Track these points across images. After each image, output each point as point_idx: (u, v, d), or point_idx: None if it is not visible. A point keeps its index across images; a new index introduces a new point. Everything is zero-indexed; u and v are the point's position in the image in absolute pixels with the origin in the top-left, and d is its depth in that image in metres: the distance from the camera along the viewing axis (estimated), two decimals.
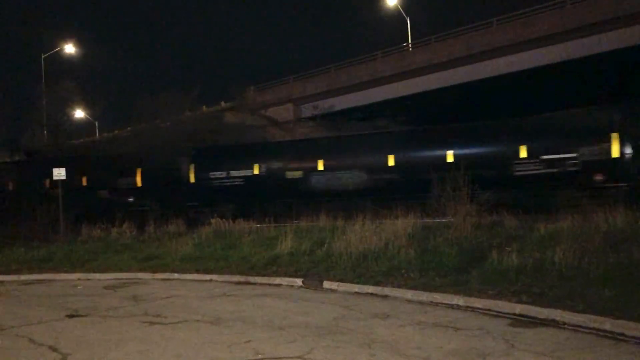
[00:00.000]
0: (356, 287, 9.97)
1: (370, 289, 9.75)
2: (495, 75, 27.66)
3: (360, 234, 12.42)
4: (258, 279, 11.48)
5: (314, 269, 11.45)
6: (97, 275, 13.36)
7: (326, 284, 10.47)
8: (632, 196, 15.28)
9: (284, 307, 8.96)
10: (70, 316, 9.08)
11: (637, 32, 23.55)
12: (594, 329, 6.83)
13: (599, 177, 16.50)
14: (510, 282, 8.85)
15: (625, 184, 16.35)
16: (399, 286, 9.62)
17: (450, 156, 18.21)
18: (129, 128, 34.10)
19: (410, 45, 33.24)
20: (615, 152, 16.38)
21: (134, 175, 22.82)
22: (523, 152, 17.47)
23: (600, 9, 24.02)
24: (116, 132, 36.37)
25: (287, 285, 10.93)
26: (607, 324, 6.80)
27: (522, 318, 7.52)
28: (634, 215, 11.94)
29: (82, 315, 9.10)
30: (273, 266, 12.16)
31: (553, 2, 25.67)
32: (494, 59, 27.41)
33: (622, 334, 6.55)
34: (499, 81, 27.71)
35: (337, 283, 10.38)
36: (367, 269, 10.73)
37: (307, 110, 34.19)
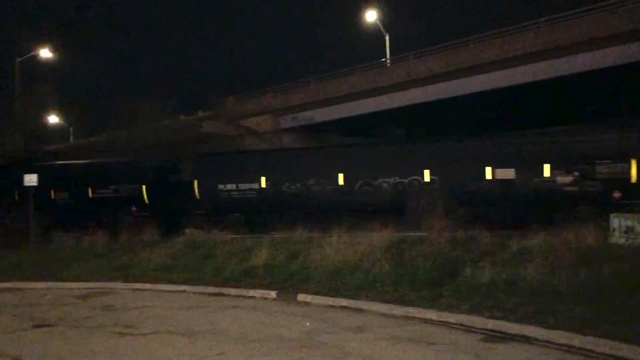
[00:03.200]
0: (330, 300, 9.95)
1: (345, 302, 9.74)
2: (474, 92, 28.02)
3: (336, 246, 12.43)
4: (232, 291, 11.39)
5: (289, 282, 11.40)
6: (68, 285, 13.11)
7: (300, 297, 10.43)
8: None
9: (258, 320, 8.89)
10: (38, 326, 8.88)
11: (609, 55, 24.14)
12: (563, 345, 6.91)
13: None
14: (483, 297, 8.92)
15: None
16: (374, 300, 9.63)
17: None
18: (104, 135, 33.67)
19: (388, 61, 33.55)
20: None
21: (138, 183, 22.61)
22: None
23: (573, 32, 24.64)
24: (91, 138, 35.86)
25: (261, 297, 10.86)
26: (577, 340, 6.89)
27: (494, 333, 7.58)
28: (603, 234, 12.17)
29: (49, 325, 8.91)
30: (248, 278, 12.08)
31: (532, 21, 26.19)
32: (471, 76, 27.80)
33: (591, 351, 6.64)
34: (478, 98, 28.08)
35: (311, 296, 10.34)
36: (342, 282, 10.72)
37: (287, 121, 34.21)
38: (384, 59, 33.80)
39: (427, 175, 18.65)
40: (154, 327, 8.53)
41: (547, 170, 17.47)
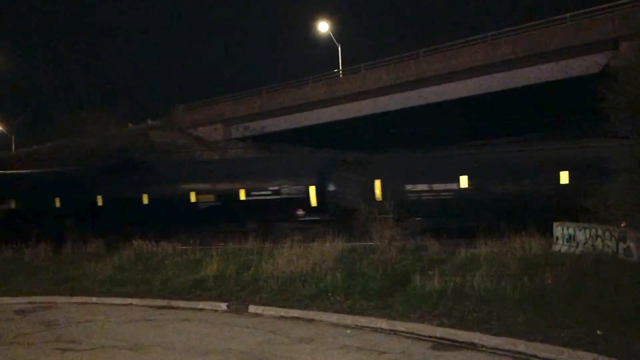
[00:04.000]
0: (282, 311, 9.89)
1: (296, 312, 9.70)
2: (422, 104, 28.62)
3: (288, 257, 12.37)
4: (181, 303, 11.16)
5: (240, 293, 11.27)
6: (7, 300, 12.54)
7: (252, 308, 10.32)
8: None
9: (207, 332, 8.74)
10: None
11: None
12: (509, 351, 7.10)
13: None
14: (432, 305, 9.06)
15: None
16: (325, 310, 9.64)
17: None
18: (49, 144, 32.54)
19: (340, 72, 33.88)
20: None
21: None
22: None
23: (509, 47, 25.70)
24: (35, 147, 34.57)
25: (211, 309, 10.69)
26: (521, 346, 7.09)
27: (443, 341, 7.71)
28: (547, 242, 12.57)
29: None
30: (197, 290, 11.86)
31: (477, 36, 27.02)
32: (420, 88, 28.41)
33: (535, 356, 6.85)
34: (427, 109, 28.70)
35: (262, 307, 10.26)
36: (293, 293, 10.68)
37: (238, 131, 33.98)
38: (336, 70, 34.11)
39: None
40: (99, 341, 8.26)
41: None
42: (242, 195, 19.48)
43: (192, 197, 20.10)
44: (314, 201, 18.71)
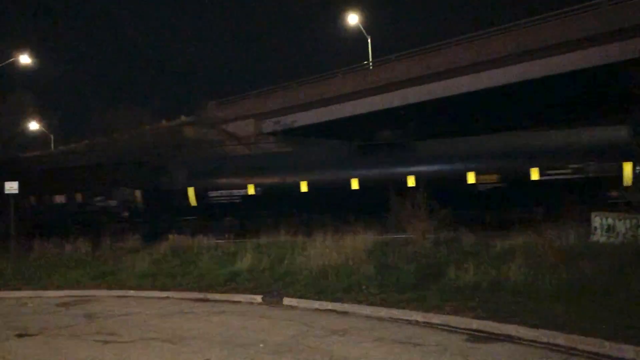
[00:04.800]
0: (316, 304, 9.95)
1: (330, 305, 9.74)
2: (454, 94, 28.26)
3: (321, 250, 12.43)
4: (217, 296, 11.32)
5: (274, 286, 11.38)
6: (49, 293, 12.93)
7: (286, 301, 10.41)
8: None
9: (243, 325, 8.85)
10: (20, 335, 8.74)
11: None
12: (547, 343, 6.99)
13: None
14: (467, 297, 8.99)
15: None
16: (359, 302, 9.64)
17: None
18: (85, 141, 33.31)
19: (370, 64, 33.69)
20: None
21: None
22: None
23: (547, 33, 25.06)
24: (72, 145, 35.43)
25: (246, 302, 10.82)
26: (560, 338, 6.98)
27: (479, 333, 7.64)
28: (585, 233, 12.33)
29: (32, 335, 8.78)
30: (232, 283, 12.02)
31: (509, 24, 26.52)
32: (452, 78, 28.03)
33: (574, 348, 6.73)
34: (459, 99, 28.34)
35: (297, 300, 10.33)
36: (327, 285, 10.72)
37: (269, 125, 34.16)
38: (366, 62, 33.92)
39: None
40: (138, 334, 8.45)
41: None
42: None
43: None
44: None
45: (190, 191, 21.20)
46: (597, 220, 12.63)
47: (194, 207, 21.25)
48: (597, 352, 6.56)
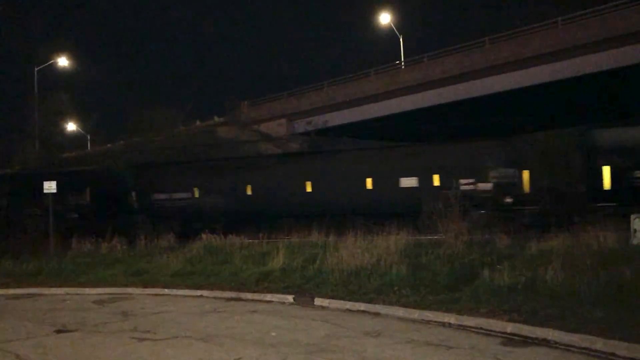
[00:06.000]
0: (348, 304, 9.92)
1: (362, 306, 9.70)
2: (488, 94, 27.87)
3: (352, 250, 12.39)
4: (249, 295, 11.40)
5: (306, 286, 11.39)
6: (86, 290, 13.23)
7: (317, 301, 10.41)
8: None
9: (275, 324, 8.89)
10: (59, 332, 8.97)
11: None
12: (585, 348, 6.82)
13: None
14: (502, 300, 8.83)
15: None
16: (391, 304, 9.58)
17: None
18: (121, 142, 34.02)
19: (402, 63, 33.51)
20: None
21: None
22: None
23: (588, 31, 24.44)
24: (109, 145, 36.24)
25: (278, 301, 10.86)
26: (599, 343, 6.79)
27: (514, 337, 7.50)
28: (624, 235, 11.98)
29: (70, 331, 8.99)
30: (264, 282, 12.08)
31: (547, 22, 26.04)
32: (487, 77, 27.64)
33: (613, 354, 6.54)
34: (492, 99, 27.94)
35: (328, 300, 10.32)
36: (358, 286, 10.69)
37: (300, 126, 34.29)
38: (397, 61, 33.75)
39: None
40: (173, 332, 8.57)
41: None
42: None
43: None
44: None
45: None
46: (637, 222, 12.26)
47: None
48: (636, 358, 6.37)
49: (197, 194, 23.58)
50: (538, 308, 8.28)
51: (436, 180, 18.84)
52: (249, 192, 22.48)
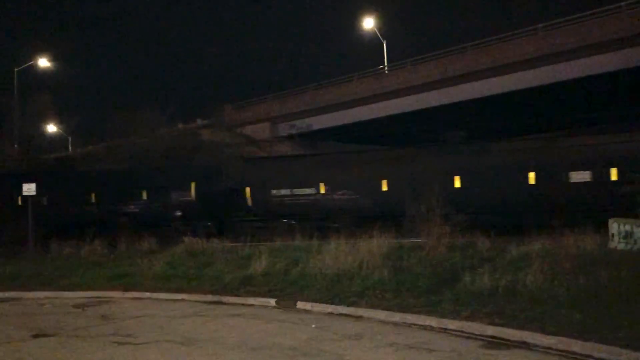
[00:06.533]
0: (330, 308, 9.93)
1: (344, 309, 9.72)
2: (470, 99, 28.14)
3: (335, 253, 12.40)
4: (231, 299, 11.35)
5: (288, 289, 11.37)
6: (66, 294, 13.06)
7: (300, 305, 10.40)
8: None
9: (257, 328, 8.86)
10: (36, 336, 8.85)
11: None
12: (563, 351, 6.90)
13: None
14: (483, 303, 8.91)
15: None
16: (373, 307, 9.60)
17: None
18: (103, 144, 33.68)
19: (386, 68, 33.69)
20: None
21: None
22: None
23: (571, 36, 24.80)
24: (90, 147, 35.85)
25: (260, 305, 10.83)
26: (576, 346, 6.89)
27: (494, 340, 7.57)
28: (602, 239, 12.16)
29: (48, 335, 8.87)
30: (247, 286, 12.03)
31: (526, 29, 26.36)
32: (468, 82, 27.92)
33: (591, 356, 6.63)
34: (474, 104, 28.22)
35: (311, 304, 10.32)
36: (341, 289, 10.70)
37: (285, 129, 34.30)
38: (381, 66, 33.94)
39: None
40: (153, 336, 8.50)
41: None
42: None
43: None
44: None
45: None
46: (614, 226, 12.46)
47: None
48: None
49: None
50: (518, 311, 8.35)
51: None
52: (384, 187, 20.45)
